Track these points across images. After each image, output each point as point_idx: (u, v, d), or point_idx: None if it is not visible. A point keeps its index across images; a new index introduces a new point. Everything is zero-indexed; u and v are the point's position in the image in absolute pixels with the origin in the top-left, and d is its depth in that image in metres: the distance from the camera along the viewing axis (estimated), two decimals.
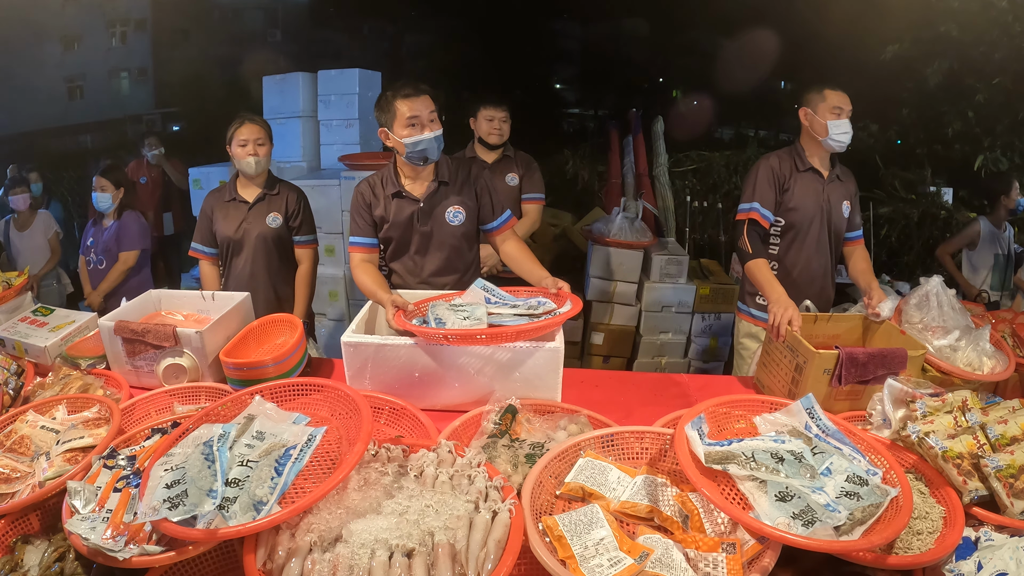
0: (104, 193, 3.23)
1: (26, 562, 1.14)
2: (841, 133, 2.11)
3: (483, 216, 2.09)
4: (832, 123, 2.11)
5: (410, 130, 1.88)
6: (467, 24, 9.17)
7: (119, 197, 3.28)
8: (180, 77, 9.07)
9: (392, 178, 2.03)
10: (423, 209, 2.02)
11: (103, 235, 3.31)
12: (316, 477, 1.14)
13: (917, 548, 1.10)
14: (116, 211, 3.31)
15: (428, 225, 2.04)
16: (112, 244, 3.31)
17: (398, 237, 2.06)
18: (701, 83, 7.66)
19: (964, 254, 3.81)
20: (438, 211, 2.04)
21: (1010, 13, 4.48)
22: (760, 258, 2.08)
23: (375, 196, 2.04)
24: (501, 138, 2.83)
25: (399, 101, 1.88)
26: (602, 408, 1.58)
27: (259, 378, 1.59)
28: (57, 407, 1.51)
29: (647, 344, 3.80)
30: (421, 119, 1.88)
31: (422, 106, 1.88)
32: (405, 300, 1.76)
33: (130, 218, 3.36)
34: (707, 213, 5.10)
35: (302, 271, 2.49)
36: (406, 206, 2.03)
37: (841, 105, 2.09)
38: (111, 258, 3.31)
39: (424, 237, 2.05)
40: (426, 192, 2.02)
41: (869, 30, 5.02)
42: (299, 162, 4.15)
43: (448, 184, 2.04)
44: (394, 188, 2.02)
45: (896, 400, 1.41)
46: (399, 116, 1.88)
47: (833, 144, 2.14)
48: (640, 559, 0.99)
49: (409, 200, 2.02)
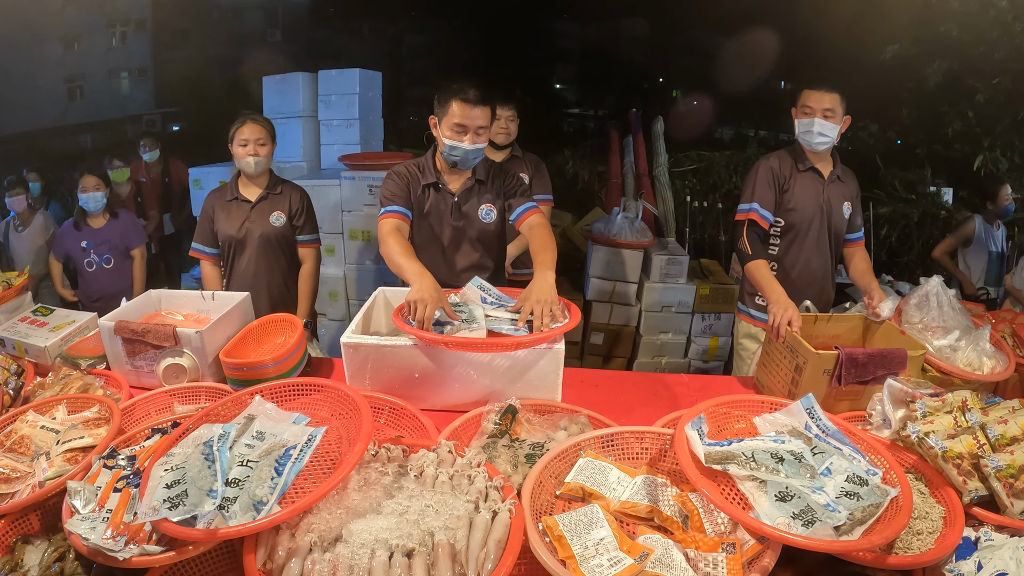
0: (98, 192, 3.25)
1: (26, 562, 1.14)
2: (805, 132, 2.12)
3: (508, 208, 2.07)
4: (798, 121, 2.14)
5: (453, 133, 1.89)
6: (467, 24, 9.16)
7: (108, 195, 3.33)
8: (180, 77, 9.07)
9: (431, 169, 2.04)
10: (457, 203, 2.03)
11: (103, 235, 3.32)
12: (316, 477, 1.14)
13: (917, 548, 1.10)
14: (105, 210, 3.33)
15: (461, 221, 2.05)
16: (118, 242, 3.33)
17: (429, 228, 2.06)
18: (701, 83, 7.65)
19: (959, 252, 3.85)
20: (471, 207, 2.05)
21: (1010, 13, 4.48)
22: (759, 259, 2.08)
23: (412, 182, 2.04)
24: (508, 137, 2.81)
25: (456, 101, 1.88)
26: (602, 408, 1.58)
27: (259, 378, 1.59)
28: (57, 407, 1.51)
29: (647, 344, 3.80)
30: (468, 128, 1.88)
31: (475, 115, 1.88)
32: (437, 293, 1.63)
33: (127, 215, 3.41)
34: (707, 213, 5.10)
35: (305, 270, 2.49)
36: (441, 199, 2.04)
37: (810, 104, 2.09)
38: (119, 256, 3.32)
39: (457, 232, 2.06)
40: (462, 188, 2.04)
41: (869, 30, 5.02)
42: (299, 162, 4.15)
43: (484, 183, 2.06)
44: (431, 179, 2.03)
45: (896, 400, 1.41)
46: (449, 115, 1.89)
47: (802, 142, 2.16)
48: (640, 559, 0.99)
49: (445, 193, 2.04)
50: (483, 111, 1.89)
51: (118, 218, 3.36)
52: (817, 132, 2.09)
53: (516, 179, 2.09)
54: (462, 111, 1.87)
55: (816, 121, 2.08)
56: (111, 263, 3.32)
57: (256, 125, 2.32)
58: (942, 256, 3.85)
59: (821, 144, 2.12)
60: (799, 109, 2.13)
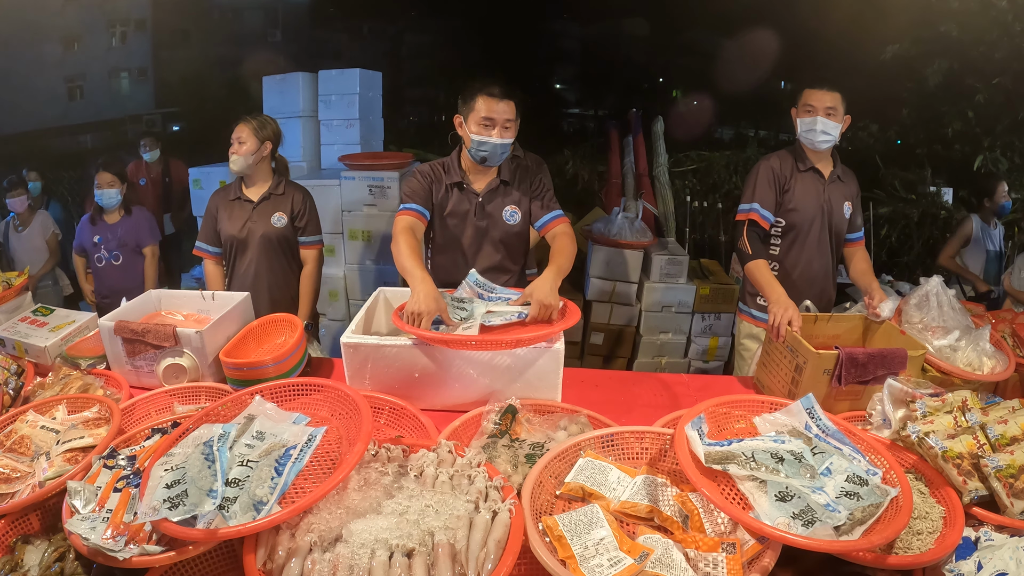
0: (111, 189, 3.22)
1: (26, 562, 1.14)
2: (808, 131, 2.12)
3: (534, 213, 2.07)
4: (800, 120, 2.13)
5: (481, 128, 1.90)
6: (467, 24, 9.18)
7: (123, 192, 3.29)
8: (180, 77, 9.08)
9: (456, 168, 2.04)
10: (481, 204, 2.04)
11: (115, 232, 3.29)
12: (316, 477, 1.14)
13: (917, 548, 1.10)
14: (121, 207, 3.31)
15: (484, 221, 2.05)
16: (130, 240, 3.31)
17: (452, 228, 2.06)
18: (701, 83, 7.66)
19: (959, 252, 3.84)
20: (495, 208, 2.05)
21: (1010, 13, 4.48)
22: (760, 259, 2.08)
23: (436, 181, 2.04)
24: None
25: (481, 97, 1.89)
26: (602, 408, 1.58)
27: (259, 378, 1.59)
28: (57, 407, 1.51)
29: (647, 344, 3.80)
30: (496, 122, 1.89)
31: (501, 110, 1.89)
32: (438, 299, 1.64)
33: (143, 213, 3.38)
34: (707, 213, 5.10)
35: (307, 272, 2.47)
36: (465, 199, 2.04)
37: (812, 103, 2.09)
38: (129, 253, 3.31)
39: (479, 232, 2.06)
40: (486, 188, 2.04)
41: (869, 30, 5.02)
42: (299, 162, 4.14)
43: (509, 184, 2.06)
44: (456, 178, 2.03)
45: (896, 400, 1.41)
46: (476, 111, 1.90)
47: (804, 142, 2.16)
48: (640, 559, 0.99)
49: (469, 193, 2.04)
50: (508, 105, 1.91)
51: (132, 215, 3.34)
52: (820, 131, 2.09)
53: (541, 182, 2.10)
54: (488, 106, 1.89)
55: (819, 120, 2.08)
56: (120, 260, 3.31)
57: (240, 124, 2.31)
58: (948, 261, 3.81)
59: (824, 143, 2.12)
60: (801, 108, 2.13)
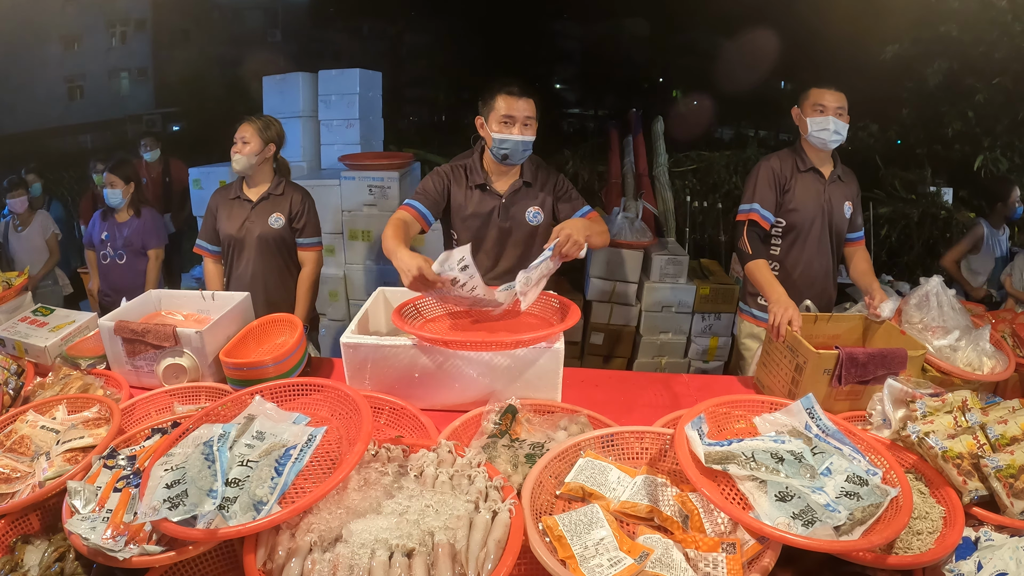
0: (114, 189, 3.21)
1: (26, 562, 1.14)
2: (820, 130, 2.09)
3: (564, 213, 2.07)
4: (811, 120, 2.11)
5: (502, 126, 1.92)
6: (467, 24, 9.18)
7: (130, 192, 3.27)
8: (180, 77, 9.09)
9: (478, 169, 2.05)
10: (504, 205, 2.05)
11: (122, 231, 3.29)
12: (316, 477, 1.14)
13: (917, 548, 1.10)
14: (130, 206, 3.30)
15: (508, 222, 2.06)
16: (135, 240, 3.30)
17: (476, 229, 2.07)
18: (701, 83, 7.67)
19: (964, 258, 3.82)
20: (518, 209, 2.06)
21: (1010, 13, 4.48)
22: (760, 259, 2.08)
23: (456, 182, 2.05)
24: None
25: (500, 96, 1.92)
26: (602, 408, 1.58)
27: (259, 378, 1.59)
28: (57, 407, 1.51)
29: (647, 344, 3.80)
30: (516, 119, 1.91)
31: (521, 107, 1.91)
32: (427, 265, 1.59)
33: (152, 215, 3.37)
34: (707, 213, 5.10)
35: (305, 274, 2.44)
36: (488, 200, 2.05)
37: (823, 103, 2.08)
38: (133, 254, 3.30)
39: (503, 233, 2.07)
40: (509, 189, 2.05)
41: (869, 30, 5.02)
42: (299, 162, 4.15)
43: (531, 185, 2.07)
44: (479, 180, 2.04)
45: (896, 400, 1.41)
46: (496, 111, 1.92)
47: (815, 141, 2.14)
48: (640, 559, 0.99)
49: (492, 195, 2.05)
50: (527, 103, 1.92)
51: (140, 216, 3.33)
52: (833, 130, 2.08)
53: (564, 181, 2.11)
54: (508, 104, 1.91)
55: (831, 119, 2.07)
56: (123, 259, 3.30)
57: (244, 123, 2.31)
58: (951, 265, 3.78)
59: (835, 142, 2.11)
60: (810, 108, 2.11)
